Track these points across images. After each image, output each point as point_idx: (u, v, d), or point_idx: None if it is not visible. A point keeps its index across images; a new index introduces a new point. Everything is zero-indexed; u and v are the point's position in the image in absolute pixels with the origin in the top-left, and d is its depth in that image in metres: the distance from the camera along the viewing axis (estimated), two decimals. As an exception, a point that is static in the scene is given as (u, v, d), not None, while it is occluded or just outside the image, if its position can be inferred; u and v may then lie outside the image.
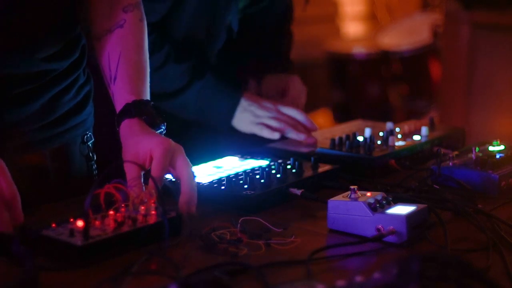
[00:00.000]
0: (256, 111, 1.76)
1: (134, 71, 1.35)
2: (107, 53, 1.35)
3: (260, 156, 1.55)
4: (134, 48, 1.37)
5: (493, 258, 1.12)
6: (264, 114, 1.75)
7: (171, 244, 1.13)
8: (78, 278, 1.04)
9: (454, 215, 1.30)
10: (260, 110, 1.76)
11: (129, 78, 1.34)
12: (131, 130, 1.29)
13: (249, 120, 1.76)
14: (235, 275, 1.03)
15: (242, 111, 1.76)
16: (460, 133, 1.81)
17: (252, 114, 1.76)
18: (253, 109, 1.76)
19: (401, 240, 1.16)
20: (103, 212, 1.15)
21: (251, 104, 1.77)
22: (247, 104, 1.77)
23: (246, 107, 1.76)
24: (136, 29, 1.38)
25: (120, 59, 1.33)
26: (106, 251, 1.09)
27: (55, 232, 1.10)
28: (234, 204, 1.32)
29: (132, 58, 1.36)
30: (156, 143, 1.24)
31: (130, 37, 1.37)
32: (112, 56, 1.35)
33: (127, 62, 1.34)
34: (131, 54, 1.36)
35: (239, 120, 1.76)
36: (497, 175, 1.43)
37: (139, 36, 1.39)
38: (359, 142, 1.63)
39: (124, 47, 1.35)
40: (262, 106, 1.76)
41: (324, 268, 1.08)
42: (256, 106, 1.76)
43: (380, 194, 1.23)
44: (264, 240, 1.16)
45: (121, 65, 1.33)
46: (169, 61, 1.74)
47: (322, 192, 1.40)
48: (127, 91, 1.32)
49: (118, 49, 1.35)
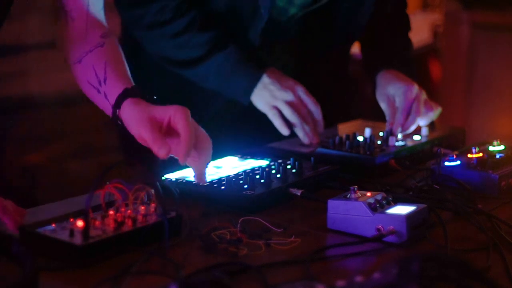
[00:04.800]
0: (275, 92, 1.69)
1: (124, 70, 1.34)
2: (91, 66, 1.34)
3: (260, 156, 1.55)
4: (119, 58, 1.37)
5: (493, 258, 1.12)
6: (282, 96, 1.69)
7: (171, 244, 1.13)
8: (78, 278, 1.04)
9: (454, 215, 1.30)
10: (279, 91, 1.69)
11: (121, 74, 1.32)
12: (139, 104, 1.24)
13: (266, 100, 1.70)
14: (235, 275, 1.03)
15: (262, 88, 1.70)
16: (460, 133, 1.81)
17: (270, 94, 1.70)
18: (272, 88, 1.70)
19: (401, 240, 1.16)
20: (103, 212, 1.15)
21: (272, 82, 1.70)
22: (268, 82, 1.70)
23: (266, 85, 1.70)
24: (117, 48, 1.39)
25: (106, 64, 1.32)
26: (106, 251, 1.09)
27: (55, 232, 1.10)
28: (234, 204, 1.32)
29: (119, 64, 1.35)
30: (175, 109, 1.20)
31: (112, 51, 1.37)
32: (97, 66, 1.32)
33: (115, 65, 1.33)
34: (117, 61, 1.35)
35: (257, 97, 1.71)
36: (497, 175, 1.43)
37: (120, 53, 1.38)
38: (359, 142, 1.63)
39: (108, 58, 1.34)
40: (283, 87, 1.69)
41: (324, 268, 1.08)
42: (277, 85, 1.69)
43: (380, 194, 1.23)
44: (264, 240, 1.16)
45: (109, 68, 1.32)
46: (191, 29, 1.70)
47: (322, 192, 1.40)
48: (123, 83, 1.28)
49: (102, 60, 1.33)
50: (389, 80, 1.80)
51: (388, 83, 1.80)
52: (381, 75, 1.83)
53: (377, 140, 1.64)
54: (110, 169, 1.17)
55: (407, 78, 1.80)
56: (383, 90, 1.81)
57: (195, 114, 1.81)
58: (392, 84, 1.79)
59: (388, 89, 1.79)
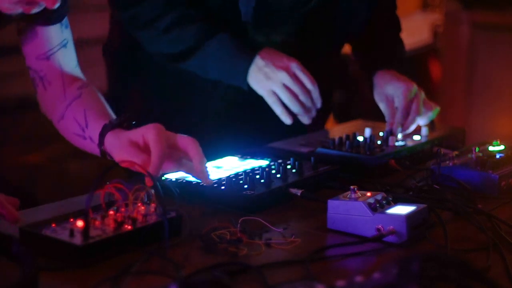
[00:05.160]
0: (270, 74, 1.67)
1: (102, 109, 1.39)
2: (73, 118, 1.38)
3: (260, 156, 1.55)
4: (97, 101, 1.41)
5: (493, 258, 1.12)
6: (277, 78, 1.67)
7: (171, 244, 1.13)
8: (78, 278, 1.04)
9: (454, 215, 1.30)
10: (274, 72, 1.67)
11: (100, 114, 1.37)
12: (118, 134, 1.30)
13: (262, 83, 1.68)
14: (235, 275, 1.03)
15: (257, 71, 1.68)
16: (460, 133, 1.81)
17: (265, 76, 1.67)
18: (267, 70, 1.67)
19: (401, 240, 1.16)
20: (103, 212, 1.15)
21: (266, 64, 1.67)
22: (262, 64, 1.68)
23: (261, 67, 1.68)
24: (94, 93, 1.42)
25: (85, 111, 1.37)
26: (106, 251, 1.09)
27: (55, 232, 1.10)
28: (234, 204, 1.32)
29: (97, 105, 1.39)
30: (146, 127, 1.26)
31: (89, 97, 1.41)
32: (77, 116, 1.37)
33: (93, 109, 1.37)
34: (95, 104, 1.39)
35: (254, 81, 1.69)
36: (497, 175, 1.43)
37: (98, 96, 1.42)
38: (359, 142, 1.63)
39: (87, 105, 1.39)
40: (277, 67, 1.67)
41: (324, 268, 1.08)
42: (271, 67, 1.67)
43: (380, 194, 1.23)
44: (264, 240, 1.16)
45: (88, 113, 1.37)
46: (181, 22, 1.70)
47: (322, 192, 1.40)
48: (103, 120, 1.34)
49: (81, 109, 1.38)
50: (387, 80, 1.80)
51: (386, 83, 1.80)
52: (378, 75, 1.83)
53: (377, 140, 1.64)
54: (110, 169, 1.18)
55: (405, 78, 1.80)
56: (381, 90, 1.80)
57: (195, 114, 1.83)
58: (391, 84, 1.78)
59: (387, 89, 1.79)
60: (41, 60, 1.39)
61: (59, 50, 1.40)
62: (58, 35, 1.40)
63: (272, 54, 1.69)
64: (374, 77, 1.84)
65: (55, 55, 1.40)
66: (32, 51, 1.39)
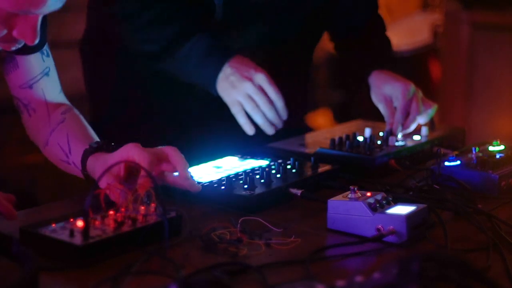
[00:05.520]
0: (235, 83, 1.65)
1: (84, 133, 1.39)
2: (57, 143, 1.39)
3: (260, 156, 1.55)
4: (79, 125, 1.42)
5: (493, 258, 1.12)
6: (242, 87, 1.64)
7: (171, 244, 1.13)
8: (78, 278, 1.04)
9: (454, 215, 1.30)
10: (239, 81, 1.65)
11: (82, 139, 1.37)
12: (97, 158, 1.30)
13: (228, 92, 1.66)
14: (235, 275, 1.03)
15: (224, 79, 1.66)
16: (460, 133, 1.81)
17: (231, 85, 1.65)
18: (233, 79, 1.65)
19: (401, 240, 1.16)
20: (103, 212, 1.15)
21: (233, 72, 1.65)
22: (229, 72, 1.65)
23: (227, 75, 1.66)
24: (77, 117, 1.43)
25: (68, 136, 1.37)
26: (106, 251, 1.09)
27: (55, 232, 1.10)
28: (234, 204, 1.32)
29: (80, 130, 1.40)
30: (125, 147, 1.25)
31: (72, 122, 1.42)
32: (61, 141, 1.38)
33: (75, 134, 1.38)
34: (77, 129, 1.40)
35: (221, 89, 1.67)
36: (497, 175, 1.43)
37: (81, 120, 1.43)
38: (359, 142, 1.63)
39: (69, 130, 1.39)
40: (243, 77, 1.64)
41: (324, 268, 1.08)
42: (237, 76, 1.65)
43: (380, 194, 1.23)
44: (264, 240, 1.16)
45: (71, 138, 1.37)
46: (158, 21, 1.69)
47: (322, 192, 1.40)
48: (83, 145, 1.34)
49: (64, 134, 1.39)
50: (384, 80, 1.80)
51: (383, 83, 1.79)
52: (374, 76, 1.83)
53: (377, 140, 1.64)
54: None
55: (402, 78, 1.80)
56: (379, 90, 1.80)
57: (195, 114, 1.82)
58: (388, 84, 1.78)
59: (385, 89, 1.78)
60: (24, 89, 1.41)
61: (42, 78, 1.42)
62: (39, 64, 1.41)
63: (241, 63, 1.67)
64: (369, 78, 1.83)
65: (38, 83, 1.41)
66: (14, 80, 1.41)
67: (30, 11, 1.14)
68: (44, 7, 1.14)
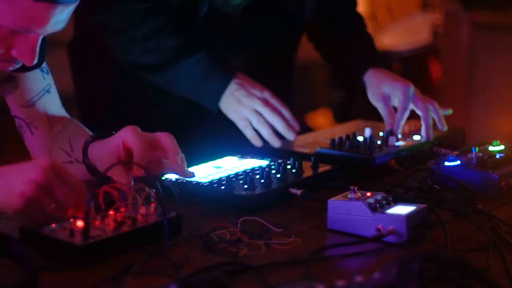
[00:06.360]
0: (242, 98, 1.68)
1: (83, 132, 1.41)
2: (58, 148, 1.40)
3: (260, 156, 1.55)
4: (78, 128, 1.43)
5: (493, 258, 1.12)
6: (249, 104, 1.68)
7: (171, 244, 1.13)
8: (78, 278, 1.04)
9: (454, 215, 1.30)
10: (246, 98, 1.68)
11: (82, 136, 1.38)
12: (97, 145, 1.31)
13: (234, 107, 1.69)
14: (235, 275, 1.03)
15: (229, 95, 1.69)
16: (460, 133, 1.81)
17: (236, 100, 1.68)
18: (239, 95, 1.68)
19: (401, 240, 1.16)
20: (103, 212, 1.15)
21: (239, 88, 1.68)
22: (235, 88, 1.69)
23: (233, 91, 1.69)
24: (77, 124, 1.44)
25: (69, 139, 1.39)
26: (106, 251, 1.09)
27: (55, 232, 1.10)
28: (234, 204, 1.32)
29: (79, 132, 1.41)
30: (123, 130, 1.26)
31: (72, 129, 1.43)
32: (63, 145, 1.39)
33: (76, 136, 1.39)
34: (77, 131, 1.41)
35: (225, 105, 1.70)
36: (497, 175, 1.43)
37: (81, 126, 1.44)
38: (359, 142, 1.63)
39: (70, 134, 1.41)
40: (249, 93, 1.68)
41: (324, 268, 1.08)
42: (243, 92, 1.68)
43: (380, 194, 1.23)
44: (264, 240, 1.16)
45: (72, 139, 1.39)
46: (161, 33, 1.70)
47: (322, 192, 1.40)
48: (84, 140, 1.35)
49: (66, 139, 1.40)
50: (382, 80, 1.79)
51: (381, 82, 1.78)
52: (370, 75, 1.82)
53: (377, 140, 1.64)
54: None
55: (400, 77, 1.79)
56: (376, 89, 1.79)
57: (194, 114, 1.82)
58: (387, 83, 1.77)
59: (383, 88, 1.78)
60: (26, 107, 1.42)
61: (43, 95, 1.43)
62: (40, 82, 1.42)
63: (245, 80, 1.71)
64: (365, 77, 1.82)
65: (39, 100, 1.42)
66: (16, 101, 1.41)
67: (31, 30, 1.14)
68: (46, 27, 1.14)
